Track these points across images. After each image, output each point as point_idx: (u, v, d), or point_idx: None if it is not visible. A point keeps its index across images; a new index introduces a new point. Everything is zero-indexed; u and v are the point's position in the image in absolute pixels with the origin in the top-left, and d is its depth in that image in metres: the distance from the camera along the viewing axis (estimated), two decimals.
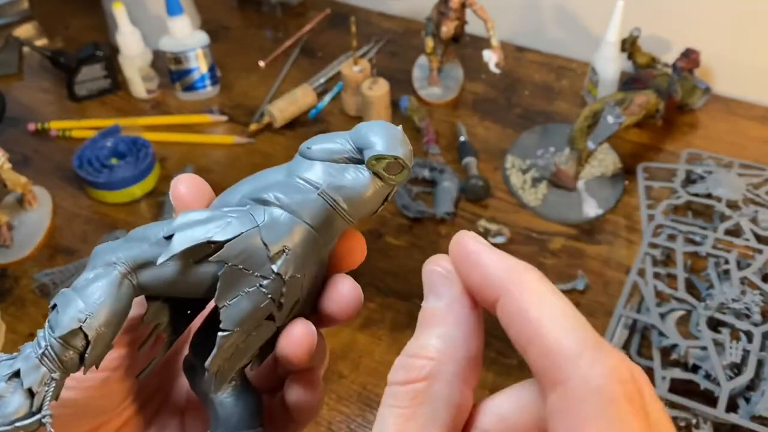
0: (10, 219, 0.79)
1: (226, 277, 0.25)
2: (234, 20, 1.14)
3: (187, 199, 0.28)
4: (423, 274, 0.23)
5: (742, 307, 0.61)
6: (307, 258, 0.26)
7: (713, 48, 0.91)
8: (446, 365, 0.21)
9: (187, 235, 0.25)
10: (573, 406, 0.17)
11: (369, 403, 0.63)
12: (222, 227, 0.25)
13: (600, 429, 0.16)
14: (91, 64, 0.97)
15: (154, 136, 0.90)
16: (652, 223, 0.71)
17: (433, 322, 0.22)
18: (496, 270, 0.21)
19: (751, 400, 0.56)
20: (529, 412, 0.20)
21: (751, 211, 0.72)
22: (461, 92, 0.97)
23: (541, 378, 0.19)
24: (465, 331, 0.22)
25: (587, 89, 0.94)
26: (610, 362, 0.17)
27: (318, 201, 0.26)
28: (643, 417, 0.17)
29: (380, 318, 0.70)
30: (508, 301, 0.20)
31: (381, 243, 0.77)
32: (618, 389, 0.17)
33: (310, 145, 0.27)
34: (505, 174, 0.85)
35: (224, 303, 0.25)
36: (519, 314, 0.19)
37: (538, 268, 0.21)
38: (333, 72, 1.01)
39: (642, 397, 0.17)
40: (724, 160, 0.80)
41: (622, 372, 0.17)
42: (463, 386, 0.21)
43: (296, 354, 0.26)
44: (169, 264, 0.25)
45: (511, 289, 0.20)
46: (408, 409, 0.21)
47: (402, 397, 0.21)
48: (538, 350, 0.19)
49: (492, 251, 0.21)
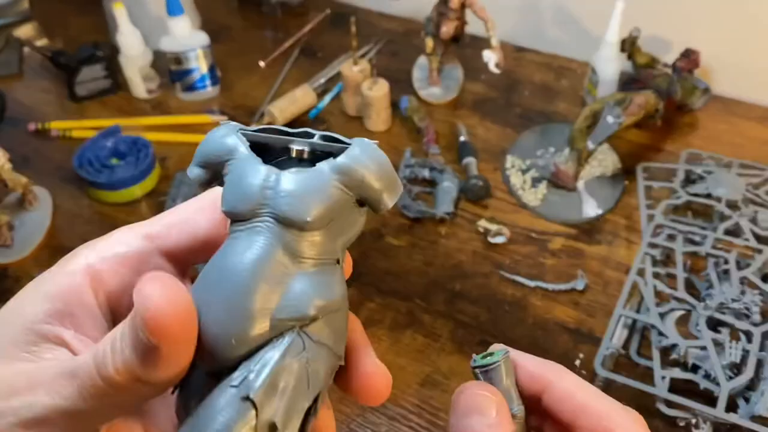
0: (11, 219, 0.79)
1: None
2: (234, 20, 1.15)
3: (174, 331, 0.20)
4: (462, 398, 0.26)
5: (741, 307, 0.62)
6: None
7: (713, 48, 0.91)
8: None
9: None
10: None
11: None
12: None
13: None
14: (91, 65, 0.97)
15: (154, 136, 0.90)
16: (651, 223, 0.72)
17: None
18: (537, 369, 0.27)
19: (750, 400, 0.56)
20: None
21: (750, 211, 0.72)
22: (461, 92, 0.97)
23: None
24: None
25: (587, 89, 0.94)
26: (634, 415, 0.26)
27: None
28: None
29: (380, 318, 0.70)
30: (555, 387, 0.26)
31: (381, 243, 0.77)
32: (642, 428, 0.26)
33: (308, 215, 0.23)
34: (505, 174, 0.85)
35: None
36: (568, 395, 0.26)
37: (538, 268, 0.22)
38: (333, 72, 1.01)
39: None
40: (723, 160, 0.80)
41: (641, 419, 0.26)
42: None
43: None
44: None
45: (554, 379, 0.27)
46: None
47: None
48: (589, 417, 0.26)
49: (525, 355, 0.28)
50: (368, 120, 0.91)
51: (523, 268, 0.73)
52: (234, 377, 0.21)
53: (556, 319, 0.69)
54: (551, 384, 0.26)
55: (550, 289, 0.71)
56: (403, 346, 0.67)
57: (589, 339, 0.67)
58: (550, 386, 0.26)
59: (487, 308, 0.70)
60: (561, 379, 0.26)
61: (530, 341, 0.67)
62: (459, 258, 0.75)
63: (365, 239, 0.77)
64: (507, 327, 0.68)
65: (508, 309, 0.70)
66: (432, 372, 0.65)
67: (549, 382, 0.26)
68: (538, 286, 0.71)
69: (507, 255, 0.75)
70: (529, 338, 0.67)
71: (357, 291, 0.72)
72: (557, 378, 0.26)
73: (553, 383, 0.26)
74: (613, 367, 0.63)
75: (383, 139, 0.91)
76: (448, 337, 0.68)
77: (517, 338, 0.67)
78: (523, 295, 0.71)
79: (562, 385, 0.26)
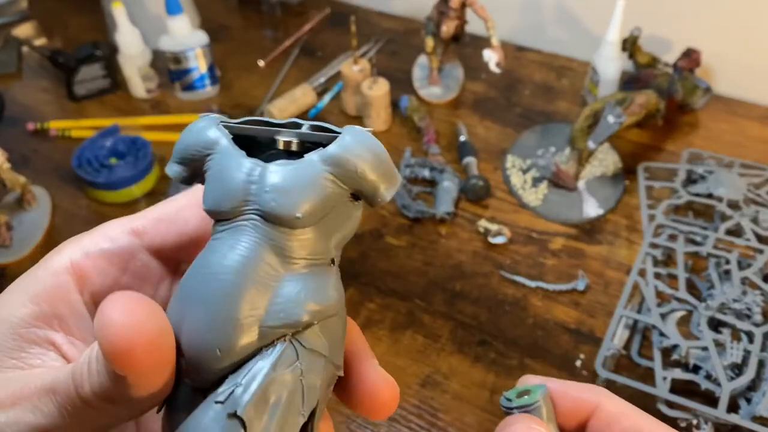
0: (10, 219, 0.79)
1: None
2: (234, 20, 1.14)
3: (141, 360, 0.19)
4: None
5: (743, 307, 0.61)
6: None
7: (714, 48, 0.91)
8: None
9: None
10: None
11: None
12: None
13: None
14: (90, 64, 0.97)
15: (153, 135, 0.89)
16: (652, 223, 0.71)
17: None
18: (580, 394, 0.26)
19: (752, 401, 0.56)
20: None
21: (752, 211, 0.71)
22: (461, 92, 0.97)
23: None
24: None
25: (588, 89, 0.94)
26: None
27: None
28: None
29: (380, 318, 0.69)
30: (603, 411, 0.26)
31: (381, 243, 0.77)
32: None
33: (297, 210, 0.21)
34: (506, 174, 0.85)
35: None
36: (617, 419, 0.25)
37: (539, 268, 0.22)
38: (333, 72, 1.01)
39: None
40: (724, 160, 0.79)
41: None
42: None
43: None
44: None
45: (600, 403, 0.26)
46: None
47: None
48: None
49: (564, 382, 0.27)
50: (368, 119, 0.91)
51: (524, 268, 0.73)
52: (219, 392, 0.20)
53: (556, 320, 0.68)
54: (599, 407, 0.26)
55: (550, 289, 0.71)
56: (403, 347, 0.67)
57: (590, 339, 0.67)
58: (598, 409, 0.26)
59: (488, 308, 0.70)
60: (608, 402, 0.26)
61: (530, 342, 0.67)
62: (459, 258, 0.75)
63: (365, 239, 0.77)
64: (507, 327, 0.68)
65: (508, 309, 0.70)
66: (432, 372, 0.65)
67: (595, 407, 0.26)
68: (539, 287, 0.71)
69: (507, 255, 0.75)
70: (530, 339, 0.67)
71: (356, 291, 0.72)
72: (604, 401, 0.26)
73: (600, 406, 0.26)
74: (614, 367, 0.63)
75: (383, 139, 0.90)
76: (448, 337, 0.68)
77: (517, 339, 0.67)
78: (523, 296, 0.71)
79: (610, 409, 0.25)
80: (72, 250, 0.25)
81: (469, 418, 0.61)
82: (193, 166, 0.23)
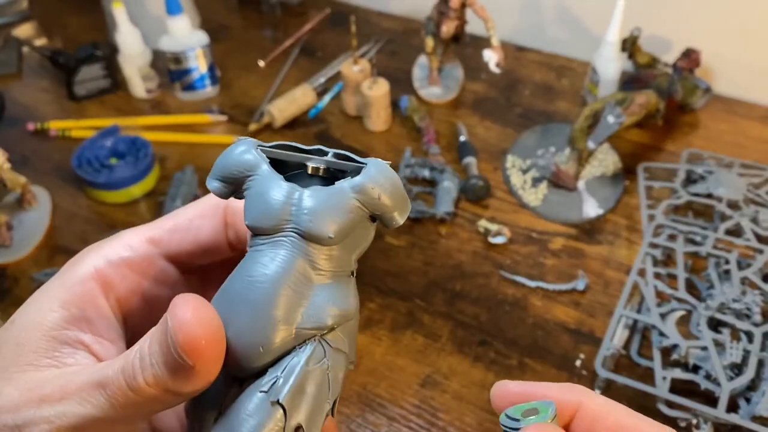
0: (10, 219, 0.79)
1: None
2: (234, 20, 1.14)
3: (207, 351, 0.22)
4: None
5: (742, 307, 0.61)
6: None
7: (714, 48, 0.91)
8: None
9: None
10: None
11: (369, 404, 0.63)
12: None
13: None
14: (90, 64, 0.97)
15: (153, 135, 0.90)
16: (652, 223, 0.71)
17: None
18: (563, 395, 0.26)
19: (751, 401, 0.56)
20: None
21: (751, 211, 0.71)
22: (461, 92, 0.97)
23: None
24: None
25: (588, 89, 0.94)
26: (668, 430, 0.25)
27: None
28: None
29: (380, 318, 0.69)
30: (586, 410, 0.25)
31: (381, 243, 0.77)
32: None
33: (330, 231, 0.24)
34: (506, 174, 0.85)
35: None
36: (601, 416, 0.25)
37: (539, 268, 0.22)
38: (333, 72, 1.01)
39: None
40: (724, 160, 0.79)
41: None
42: None
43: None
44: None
45: (583, 401, 0.25)
46: None
47: None
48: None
49: (545, 384, 0.26)
50: (368, 120, 0.91)
51: (524, 268, 0.73)
52: (262, 383, 0.23)
53: (556, 320, 0.68)
54: (581, 407, 0.25)
55: (550, 289, 0.71)
56: (403, 347, 0.67)
57: (590, 339, 0.67)
58: (581, 409, 0.25)
59: (488, 308, 0.70)
60: (589, 401, 0.25)
61: (530, 341, 0.67)
62: (459, 258, 0.75)
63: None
64: (507, 327, 0.68)
65: (508, 309, 0.70)
66: (432, 372, 0.65)
67: (578, 406, 0.25)
68: (539, 287, 0.71)
69: (507, 255, 0.75)
70: (530, 338, 0.67)
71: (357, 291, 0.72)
72: (586, 401, 0.25)
73: (583, 406, 0.25)
74: (614, 367, 0.63)
75: (383, 139, 0.91)
76: (448, 337, 0.68)
77: (517, 338, 0.67)
78: (523, 296, 0.71)
79: (593, 408, 0.25)
80: (94, 258, 0.28)
81: (469, 417, 0.61)
82: (234, 184, 0.26)
